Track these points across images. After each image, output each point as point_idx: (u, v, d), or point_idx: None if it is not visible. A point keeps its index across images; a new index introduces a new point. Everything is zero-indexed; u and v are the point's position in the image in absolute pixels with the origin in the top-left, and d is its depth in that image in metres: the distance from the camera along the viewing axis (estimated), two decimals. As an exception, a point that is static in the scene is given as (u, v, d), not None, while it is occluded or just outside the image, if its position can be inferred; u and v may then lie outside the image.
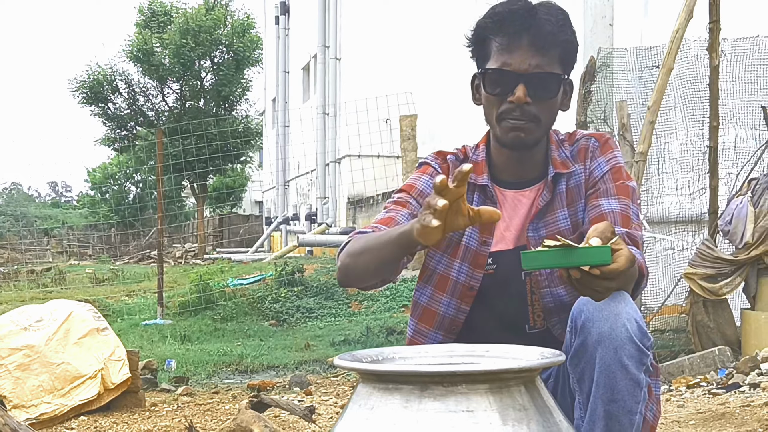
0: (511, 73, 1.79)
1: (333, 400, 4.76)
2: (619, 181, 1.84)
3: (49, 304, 4.68)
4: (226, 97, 26.95)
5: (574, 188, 1.87)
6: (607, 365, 1.55)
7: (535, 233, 1.84)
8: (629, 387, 1.56)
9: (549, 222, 1.85)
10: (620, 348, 1.54)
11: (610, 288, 1.41)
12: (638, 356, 1.56)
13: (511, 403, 1.20)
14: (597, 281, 1.39)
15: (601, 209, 1.80)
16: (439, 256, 1.91)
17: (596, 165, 1.87)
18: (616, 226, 1.72)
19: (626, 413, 1.57)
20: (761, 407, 3.90)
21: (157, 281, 9.08)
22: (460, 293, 1.88)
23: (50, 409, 4.09)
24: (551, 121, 1.87)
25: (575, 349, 1.60)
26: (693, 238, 6.13)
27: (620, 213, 1.79)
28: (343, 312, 8.93)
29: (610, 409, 1.57)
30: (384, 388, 1.21)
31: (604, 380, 1.56)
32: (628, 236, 1.74)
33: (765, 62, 5.98)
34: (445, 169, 1.94)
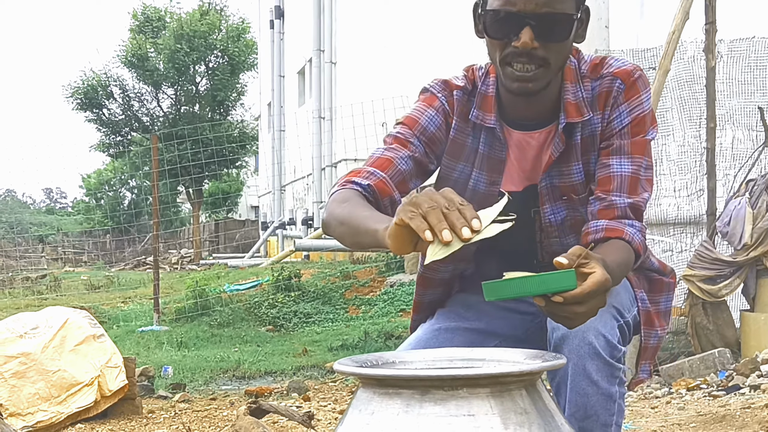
0: (516, 15, 1.58)
1: (331, 405, 4.74)
2: (638, 136, 1.69)
3: (45, 312, 4.65)
4: (221, 102, 26.96)
5: (588, 138, 1.72)
6: (577, 383, 1.58)
7: (548, 183, 1.73)
8: (602, 402, 1.59)
9: (563, 173, 1.73)
10: (589, 365, 1.57)
11: (578, 313, 1.33)
12: (608, 370, 1.59)
13: (513, 407, 1.19)
14: (562, 307, 1.32)
15: (610, 171, 1.68)
16: None
17: (616, 115, 1.69)
18: (622, 193, 1.66)
19: (600, 426, 1.62)
20: (762, 409, 3.89)
21: (153, 287, 9.05)
22: None
23: (47, 417, 4.06)
24: (563, 61, 1.67)
25: None
26: (691, 240, 6.12)
27: (629, 176, 1.67)
28: (340, 317, 8.91)
29: (584, 426, 1.60)
30: (384, 393, 1.19)
31: (575, 398, 1.59)
32: (631, 209, 1.66)
33: (762, 63, 5.98)
34: (451, 105, 1.75)
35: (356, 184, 1.62)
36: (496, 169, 1.74)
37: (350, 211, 1.51)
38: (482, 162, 1.74)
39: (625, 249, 1.61)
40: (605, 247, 1.59)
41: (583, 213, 1.73)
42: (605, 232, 1.63)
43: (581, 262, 1.35)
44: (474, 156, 1.75)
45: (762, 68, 5.98)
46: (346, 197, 1.58)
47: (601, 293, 1.35)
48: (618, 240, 1.62)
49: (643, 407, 4.45)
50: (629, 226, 1.64)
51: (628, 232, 1.63)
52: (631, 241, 1.62)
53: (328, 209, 1.59)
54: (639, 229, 1.65)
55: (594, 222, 1.66)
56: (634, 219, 1.66)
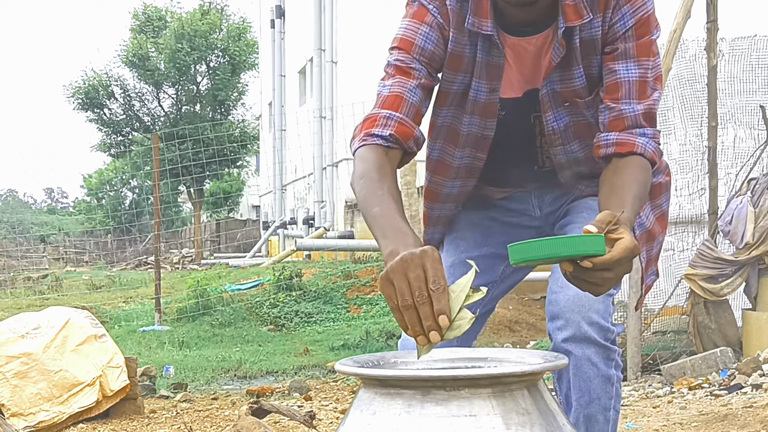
0: None
1: (333, 405, 4.73)
2: (643, 38, 1.63)
3: (47, 312, 4.65)
4: (222, 102, 26.97)
5: (588, 41, 1.66)
6: (580, 367, 1.63)
7: (550, 89, 1.69)
8: (602, 384, 1.65)
9: (564, 78, 1.68)
10: (587, 350, 1.62)
11: (606, 279, 1.30)
12: (604, 353, 1.64)
13: (514, 407, 1.18)
14: (590, 273, 1.29)
15: (617, 77, 1.63)
16: (446, 111, 1.77)
17: (619, 18, 1.62)
18: (632, 100, 1.62)
19: (602, 410, 1.67)
20: (764, 408, 3.88)
21: (154, 287, 9.05)
22: (473, 143, 1.77)
23: (49, 417, 4.06)
24: None
25: (551, 349, 1.68)
26: (693, 239, 6.12)
27: (638, 81, 1.62)
28: (342, 316, 8.90)
29: (588, 412, 1.66)
30: (386, 393, 1.19)
31: (579, 382, 1.65)
32: (643, 116, 1.62)
33: (763, 62, 5.98)
34: (445, 17, 1.67)
35: (378, 137, 1.59)
36: (494, 76, 1.70)
37: (366, 197, 1.50)
38: (481, 70, 1.70)
39: (639, 168, 1.58)
40: (620, 176, 1.55)
41: (588, 117, 1.71)
42: (616, 147, 1.60)
43: (610, 228, 1.33)
44: (473, 65, 1.70)
45: (764, 66, 5.97)
46: (365, 169, 1.55)
47: (629, 260, 1.32)
48: (631, 157, 1.59)
49: (644, 406, 4.44)
50: (641, 136, 1.61)
51: (639, 144, 1.60)
52: (644, 152, 1.59)
53: (353, 174, 1.58)
54: (651, 137, 1.62)
55: (605, 135, 1.62)
56: (645, 126, 1.62)
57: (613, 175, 1.57)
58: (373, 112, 1.63)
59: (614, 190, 1.52)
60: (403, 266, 1.25)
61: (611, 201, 1.49)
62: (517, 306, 8.92)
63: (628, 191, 1.51)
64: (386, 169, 1.55)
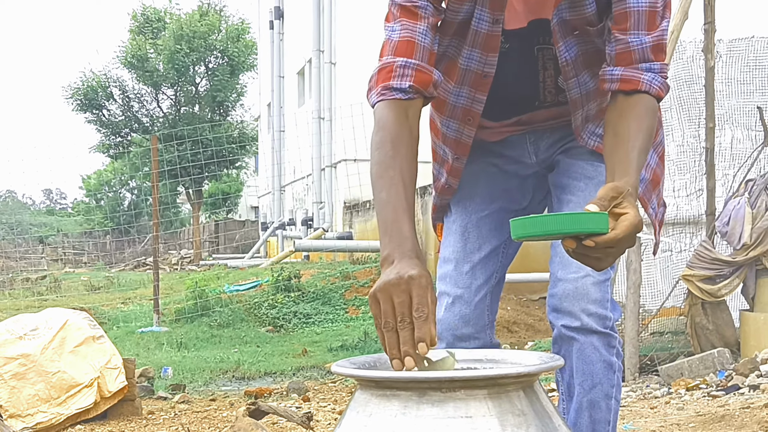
0: None
1: (331, 406, 4.74)
2: None
3: (45, 313, 4.65)
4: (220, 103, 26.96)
5: None
6: (582, 351, 1.66)
7: (559, 18, 1.63)
8: (604, 370, 1.67)
9: (575, 5, 1.61)
10: (588, 335, 1.65)
11: (610, 255, 1.30)
12: (605, 339, 1.67)
13: (510, 409, 1.19)
14: (594, 251, 1.29)
15: (626, 5, 1.55)
16: (447, 41, 1.68)
17: None
18: (640, 31, 1.55)
19: (604, 397, 1.68)
20: (761, 409, 3.89)
21: (152, 288, 9.05)
22: (472, 81, 1.70)
23: (46, 418, 4.06)
24: None
25: (554, 337, 1.70)
26: (691, 240, 6.12)
27: (647, 11, 1.56)
28: (340, 317, 8.90)
29: (591, 398, 1.67)
30: (382, 395, 1.19)
31: (582, 366, 1.67)
32: (651, 49, 1.56)
33: (761, 63, 5.98)
34: None
35: (397, 91, 1.53)
36: (498, 5, 1.63)
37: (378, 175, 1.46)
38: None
39: (644, 111, 1.54)
40: (625, 124, 1.52)
41: (599, 44, 1.65)
42: (620, 84, 1.56)
43: (616, 203, 1.32)
44: None
45: (761, 68, 5.98)
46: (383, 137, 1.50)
47: (633, 235, 1.31)
48: (636, 97, 1.55)
49: (642, 407, 4.45)
50: (647, 72, 1.56)
51: (644, 81, 1.55)
52: (649, 90, 1.55)
53: (373, 132, 1.53)
54: (659, 71, 1.57)
55: (610, 69, 1.58)
56: (653, 60, 1.57)
57: (619, 119, 1.53)
58: (387, 60, 1.56)
59: (619, 141, 1.49)
60: (389, 289, 1.26)
61: (616, 156, 1.46)
62: (516, 307, 8.93)
63: (633, 143, 1.47)
64: (403, 137, 1.50)
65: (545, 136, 1.81)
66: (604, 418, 1.70)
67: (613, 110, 1.56)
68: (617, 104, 1.55)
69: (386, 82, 1.54)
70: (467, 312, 1.77)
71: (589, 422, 1.69)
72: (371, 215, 14.10)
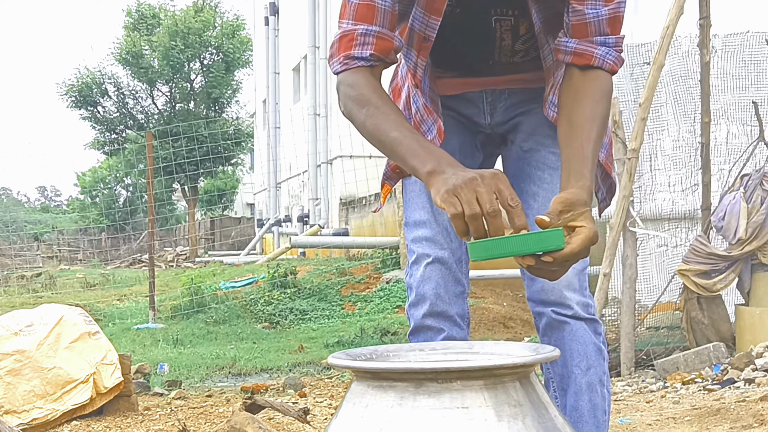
0: None
1: (327, 401, 4.74)
2: None
3: (40, 309, 4.64)
4: (216, 99, 26.94)
5: None
6: (575, 332, 1.69)
7: None
8: (596, 353, 1.70)
9: None
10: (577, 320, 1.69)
11: (565, 267, 1.33)
12: (591, 326, 1.71)
13: (506, 399, 1.19)
14: (551, 265, 1.31)
15: None
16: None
17: None
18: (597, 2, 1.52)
19: (598, 381, 1.71)
20: (756, 402, 3.90)
21: (148, 285, 9.04)
22: (416, 42, 1.65)
23: (42, 414, 4.05)
24: None
25: (543, 327, 1.73)
26: (686, 235, 6.13)
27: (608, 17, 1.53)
28: (336, 313, 8.90)
29: (588, 379, 1.69)
30: (378, 386, 1.19)
31: (577, 347, 1.69)
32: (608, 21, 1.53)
33: (756, 58, 5.99)
34: None
35: (359, 60, 1.53)
36: None
37: (377, 126, 1.46)
38: None
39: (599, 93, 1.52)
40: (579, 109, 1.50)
41: (562, 10, 1.60)
42: (573, 57, 1.54)
43: (567, 217, 1.33)
44: None
45: (756, 63, 5.99)
46: (361, 95, 1.50)
47: (588, 248, 1.33)
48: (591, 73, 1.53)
49: (638, 401, 4.46)
50: (600, 46, 1.53)
51: (597, 56, 1.53)
52: (602, 65, 1.53)
53: (345, 104, 1.53)
54: (613, 45, 1.55)
55: (565, 40, 1.55)
56: (608, 34, 1.54)
57: (573, 104, 1.51)
58: (348, 28, 1.55)
59: (574, 131, 1.48)
60: (471, 183, 1.26)
61: (570, 149, 1.46)
62: (512, 302, 8.94)
63: (588, 134, 1.47)
64: (384, 93, 1.51)
65: (503, 98, 1.78)
66: (600, 405, 1.71)
67: (568, 90, 1.54)
68: (572, 83, 1.54)
69: (348, 51, 1.54)
70: (447, 273, 1.75)
71: (590, 406, 1.70)
72: (367, 211, 14.10)
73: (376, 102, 1.48)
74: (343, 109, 1.55)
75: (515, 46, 1.69)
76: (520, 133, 1.78)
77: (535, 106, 1.75)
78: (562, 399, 1.72)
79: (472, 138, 1.83)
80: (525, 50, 1.69)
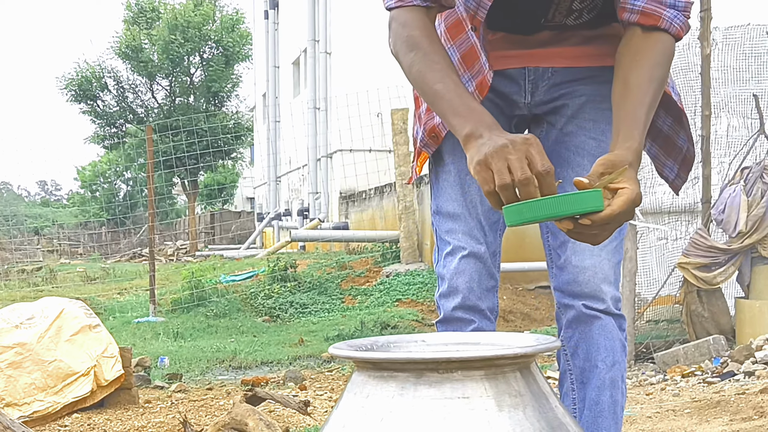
0: None
1: (328, 394, 4.75)
2: None
3: (41, 302, 4.64)
4: (215, 93, 26.91)
5: None
6: (606, 328, 1.65)
7: None
8: (621, 349, 1.67)
9: None
10: (606, 316, 1.65)
11: (606, 230, 1.28)
12: (617, 321, 1.68)
13: (507, 390, 1.19)
14: (590, 228, 1.26)
15: None
16: None
17: None
18: None
19: (620, 377, 1.68)
20: (756, 395, 3.90)
21: (148, 278, 9.05)
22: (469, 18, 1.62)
23: (43, 407, 4.06)
24: None
25: (569, 320, 1.68)
26: (686, 228, 6.13)
27: None
28: (336, 307, 8.91)
29: (612, 375, 1.66)
30: (379, 376, 1.19)
31: (606, 342, 1.65)
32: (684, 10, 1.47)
33: (756, 50, 5.98)
34: None
35: None
36: None
37: (422, 74, 1.42)
38: None
39: (659, 56, 1.46)
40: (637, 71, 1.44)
41: None
42: (640, 17, 1.46)
43: (608, 178, 1.28)
44: None
45: (757, 56, 5.98)
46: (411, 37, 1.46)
47: (631, 210, 1.27)
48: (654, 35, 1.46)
49: (638, 394, 4.47)
50: (669, 8, 1.46)
51: (665, 18, 1.46)
52: (669, 28, 1.46)
53: (394, 43, 1.49)
54: (682, 9, 1.47)
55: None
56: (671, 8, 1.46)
57: (631, 65, 1.45)
58: None
59: (629, 93, 1.41)
60: (503, 151, 1.24)
61: (623, 110, 1.40)
62: (512, 296, 8.94)
63: (643, 98, 1.40)
64: (435, 38, 1.47)
65: (546, 76, 1.69)
66: (620, 402, 1.68)
67: (627, 50, 1.47)
68: (633, 43, 1.47)
69: None
70: (482, 268, 1.71)
71: (611, 402, 1.66)
72: (367, 205, 14.10)
73: (426, 47, 1.44)
74: (392, 48, 1.50)
75: (573, 5, 1.60)
76: (560, 116, 1.71)
77: (580, 88, 1.68)
78: (581, 392, 1.68)
79: (508, 123, 1.75)
80: (580, 10, 1.61)
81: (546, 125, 1.74)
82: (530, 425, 1.17)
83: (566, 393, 1.72)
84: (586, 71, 1.67)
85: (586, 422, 1.66)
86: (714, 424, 3.54)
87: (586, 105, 1.68)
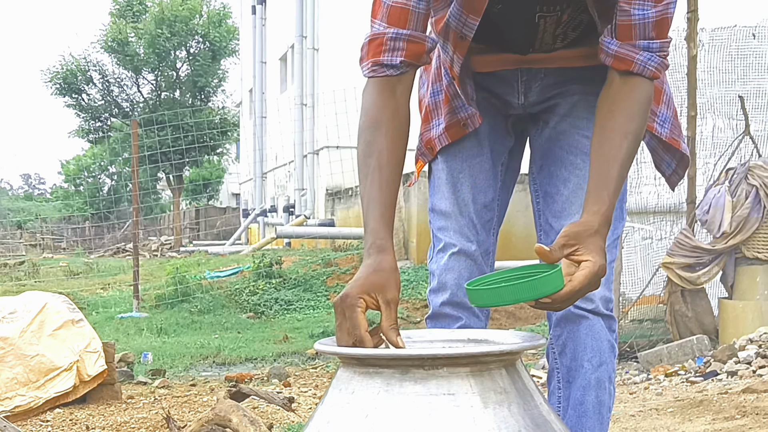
0: None
1: (312, 391, 4.74)
2: None
3: (23, 296, 4.61)
4: (202, 88, 26.79)
5: None
6: (593, 327, 1.65)
7: None
8: (608, 349, 1.67)
9: None
10: (596, 315, 1.65)
11: (569, 303, 1.29)
12: (607, 322, 1.67)
13: (492, 386, 1.19)
14: (551, 305, 1.28)
15: None
16: None
17: None
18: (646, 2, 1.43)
19: (607, 378, 1.68)
20: (738, 394, 3.93)
21: (132, 274, 9.00)
22: (452, 38, 1.61)
23: (25, 402, 4.03)
24: None
25: (557, 319, 1.68)
26: (671, 228, 6.16)
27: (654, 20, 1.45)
28: (321, 304, 8.90)
29: (598, 375, 1.66)
30: (365, 372, 1.19)
31: (592, 342, 1.65)
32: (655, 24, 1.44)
33: (742, 52, 6.01)
34: None
35: (387, 68, 1.49)
36: None
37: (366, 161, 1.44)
38: None
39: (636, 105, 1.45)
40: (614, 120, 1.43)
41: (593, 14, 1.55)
42: (614, 61, 1.47)
43: (571, 251, 1.28)
44: None
45: (743, 57, 6.01)
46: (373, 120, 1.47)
47: (593, 283, 1.28)
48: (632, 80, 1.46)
49: (621, 393, 4.48)
50: (643, 51, 1.45)
51: (638, 62, 1.45)
52: (642, 72, 1.46)
53: (361, 114, 1.50)
54: (657, 50, 1.46)
55: (608, 40, 1.48)
56: (653, 38, 1.45)
57: (608, 113, 1.45)
58: (379, 30, 1.51)
59: (604, 145, 1.42)
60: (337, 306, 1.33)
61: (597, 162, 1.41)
62: (497, 294, 8.96)
63: (617, 151, 1.41)
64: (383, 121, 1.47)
65: (538, 78, 1.70)
66: (606, 403, 1.68)
67: (606, 95, 1.48)
68: (611, 90, 1.48)
69: (377, 57, 1.50)
70: (472, 265, 1.72)
71: (596, 402, 1.67)
72: (353, 202, 14.08)
73: (368, 137, 1.46)
74: (359, 116, 1.53)
75: (556, 32, 1.62)
76: (554, 115, 1.72)
77: (572, 87, 1.69)
78: (566, 391, 1.69)
79: (504, 121, 1.77)
80: (565, 33, 1.63)
81: (541, 123, 1.76)
82: (515, 422, 1.17)
83: (553, 391, 1.72)
84: (579, 71, 1.67)
85: (570, 421, 1.66)
86: (697, 423, 3.56)
87: (579, 103, 1.69)
